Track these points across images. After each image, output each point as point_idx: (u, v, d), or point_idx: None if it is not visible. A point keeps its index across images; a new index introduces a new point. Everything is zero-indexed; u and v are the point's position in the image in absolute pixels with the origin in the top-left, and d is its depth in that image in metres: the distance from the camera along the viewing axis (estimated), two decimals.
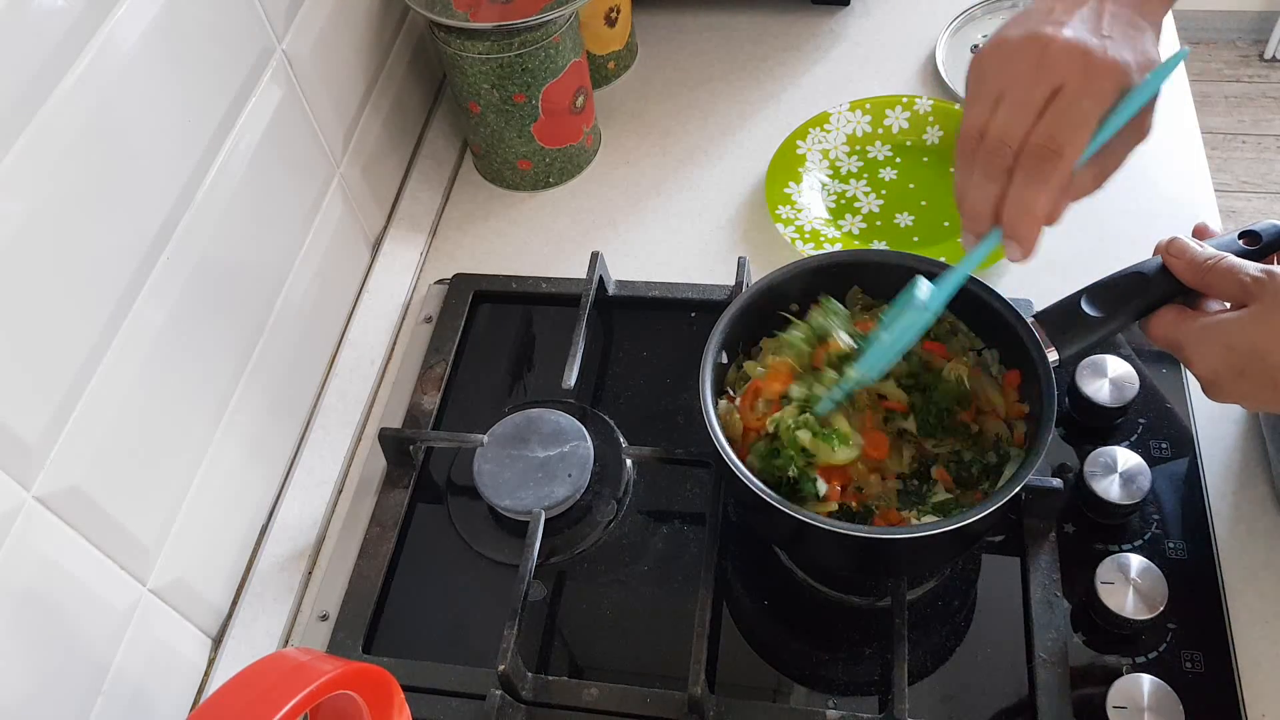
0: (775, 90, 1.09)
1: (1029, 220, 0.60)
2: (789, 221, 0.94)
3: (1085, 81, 0.58)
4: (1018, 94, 0.59)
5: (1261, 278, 0.60)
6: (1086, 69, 0.58)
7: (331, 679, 0.51)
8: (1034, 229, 0.61)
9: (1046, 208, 0.60)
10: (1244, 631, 0.69)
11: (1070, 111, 0.58)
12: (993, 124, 0.60)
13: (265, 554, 0.81)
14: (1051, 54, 0.58)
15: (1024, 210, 0.60)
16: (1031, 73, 0.59)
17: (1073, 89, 0.58)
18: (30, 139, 0.56)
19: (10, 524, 0.56)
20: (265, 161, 0.79)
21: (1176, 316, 0.64)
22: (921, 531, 0.63)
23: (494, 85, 0.93)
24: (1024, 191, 0.60)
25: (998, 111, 0.60)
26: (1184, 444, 0.77)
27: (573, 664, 0.74)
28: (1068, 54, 0.58)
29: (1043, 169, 0.59)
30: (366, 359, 0.92)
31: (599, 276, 0.89)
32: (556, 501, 0.77)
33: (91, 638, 0.63)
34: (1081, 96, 0.58)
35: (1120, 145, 0.61)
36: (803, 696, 0.71)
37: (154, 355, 0.67)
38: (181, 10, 0.68)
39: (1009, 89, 0.59)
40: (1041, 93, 0.58)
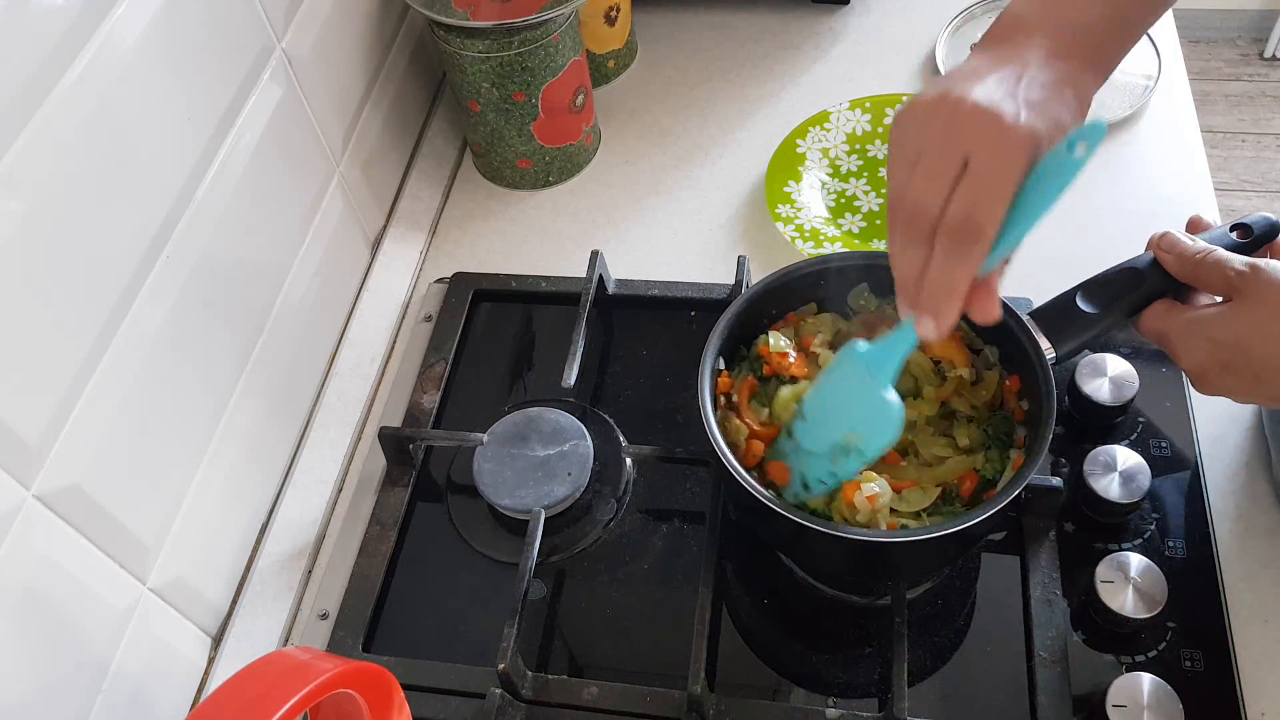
0: (775, 89, 1.09)
1: (948, 297, 0.57)
2: (789, 220, 0.94)
3: (996, 153, 0.54)
4: (930, 162, 0.56)
5: (1245, 272, 0.60)
6: (997, 136, 0.54)
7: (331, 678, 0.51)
8: (953, 306, 0.57)
9: (966, 286, 0.56)
10: (1244, 630, 0.69)
11: (984, 185, 0.54)
12: (909, 191, 0.57)
13: (265, 553, 0.81)
14: (960, 118, 0.55)
15: (944, 288, 0.57)
16: (942, 138, 0.56)
17: (984, 160, 0.54)
18: (30, 138, 0.56)
19: (10, 523, 0.56)
20: (265, 160, 0.79)
21: (1165, 310, 0.64)
22: (921, 535, 0.63)
23: (494, 84, 0.93)
24: (944, 267, 0.56)
25: (913, 178, 0.56)
26: (1184, 443, 0.77)
27: (572, 663, 0.74)
28: (977, 119, 0.55)
29: (961, 247, 0.55)
30: (366, 358, 0.92)
31: (599, 275, 0.89)
32: (556, 500, 0.78)
33: (91, 637, 0.63)
34: (994, 169, 0.54)
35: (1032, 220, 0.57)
36: (802, 695, 0.71)
37: (154, 354, 0.67)
38: (181, 9, 0.68)
39: (923, 154, 0.56)
40: (953, 161, 0.55)
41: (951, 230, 0.55)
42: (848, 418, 0.64)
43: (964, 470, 0.68)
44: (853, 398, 0.64)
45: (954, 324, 0.58)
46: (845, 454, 0.64)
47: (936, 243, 0.56)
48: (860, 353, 0.64)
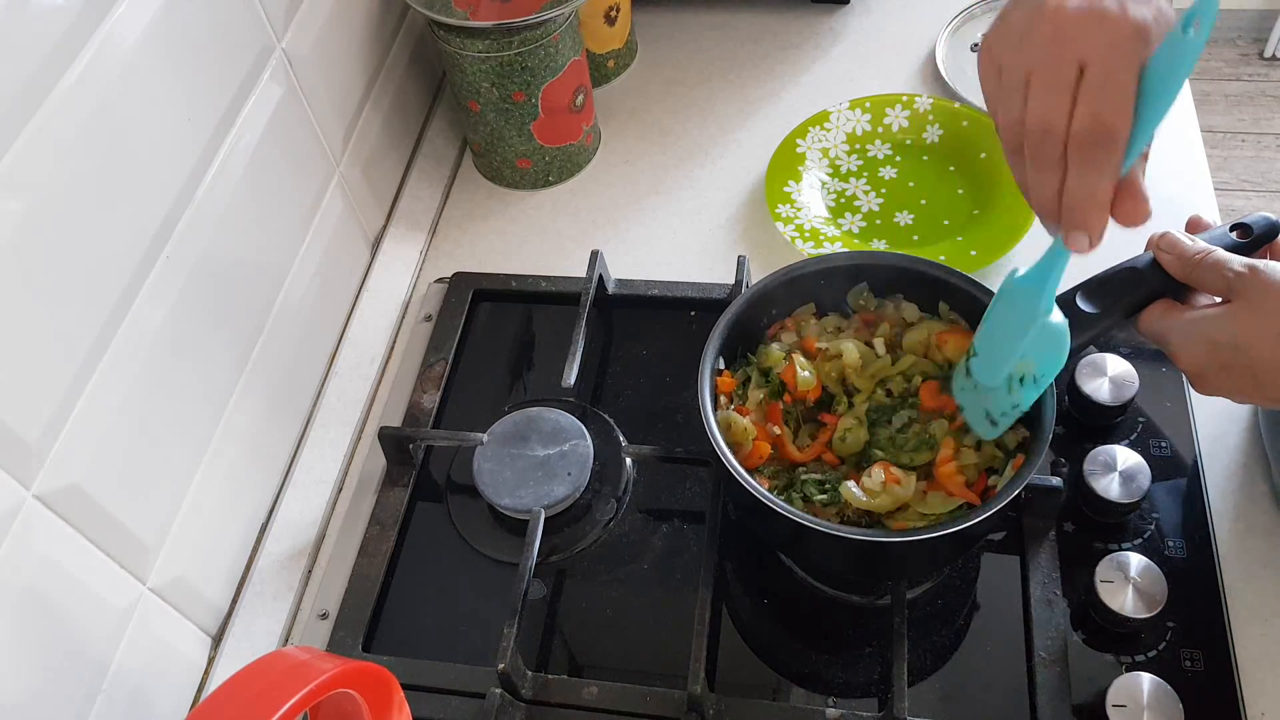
0: (775, 89, 1.09)
1: (1094, 210, 0.56)
2: (789, 220, 0.94)
3: (1111, 51, 0.53)
4: (1044, 77, 0.55)
5: (1244, 272, 0.60)
6: (1108, 37, 0.53)
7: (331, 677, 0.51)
8: (1101, 217, 0.56)
9: (1109, 193, 0.55)
10: (1243, 630, 0.69)
11: (1108, 87, 0.53)
12: (1029, 114, 0.56)
13: (265, 553, 0.81)
14: (1066, 27, 0.54)
15: (1088, 200, 0.56)
16: (1052, 51, 0.54)
17: (1101, 62, 0.53)
18: (30, 137, 0.56)
19: (10, 523, 0.56)
20: (265, 160, 0.79)
21: (1164, 311, 0.64)
22: (921, 535, 0.63)
23: (494, 84, 0.93)
24: (1084, 181, 0.55)
25: (1029, 100, 0.55)
26: (1184, 443, 0.77)
27: (572, 662, 0.74)
28: (1083, 23, 0.54)
29: (1097, 155, 0.54)
30: (366, 358, 0.92)
31: (599, 275, 0.89)
32: (556, 500, 0.78)
33: (91, 636, 0.63)
34: (1113, 68, 0.53)
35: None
36: (802, 695, 0.71)
37: (154, 354, 0.67)
38: (181, 9, 0.68)
39: (1034, 73, 0.55)
40: (1069, 71, 0.54)
41: (1084, 140, 0.54)
42: (1018, 344, 0.63)
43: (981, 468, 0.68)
44: (1018, 326, 0.63)
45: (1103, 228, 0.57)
46: (1021, 383, 0.64)
47: (1070, 156, 0.55)
48: (1018, 281, 0.64)
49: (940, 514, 0.66)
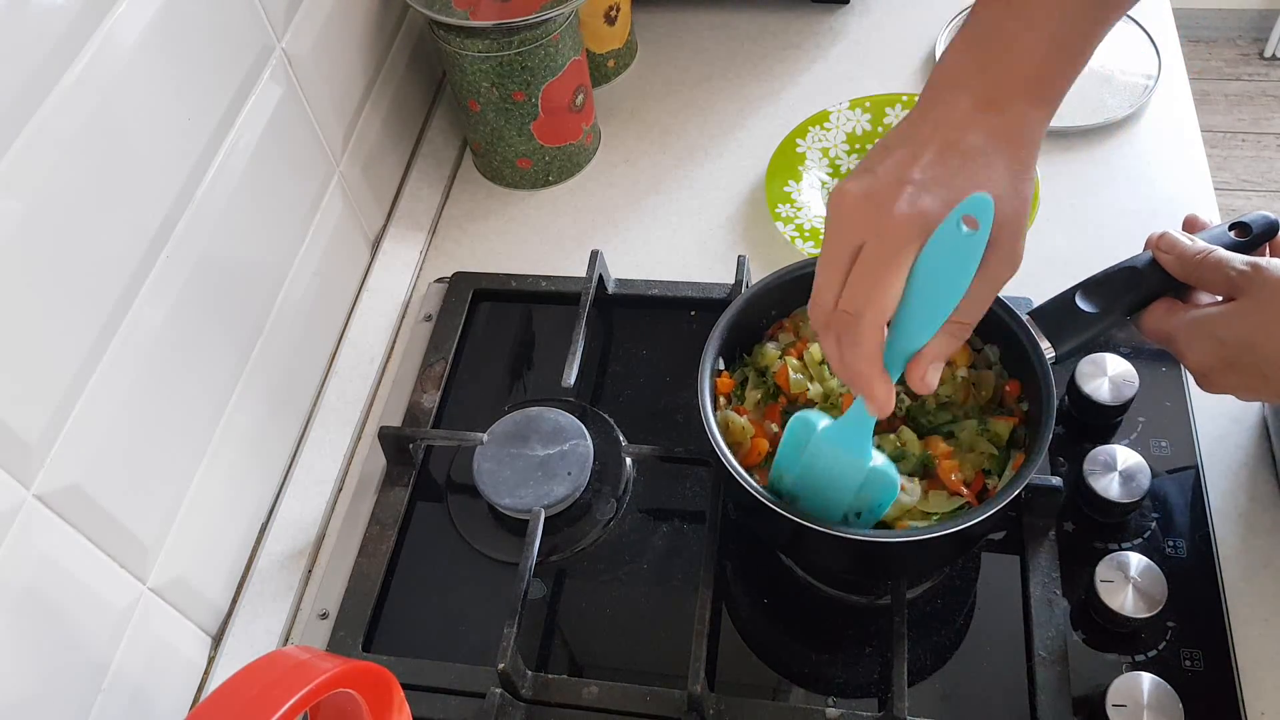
0: (775, 88, 1.09)
1: (858, 380, 0.58)
2: (789, 220, 0.94)
3: (877, 237, 0.55)
4: (826, 252, 0.57)
5: (1247, 271, 0.60)
6: (878, 223, 0.55)
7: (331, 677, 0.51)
8: (869, 387, 0.58)
9: (869, 368, 0.57)
10: (1243, 630, 0.69)
11: (865, 272, 0.55)
12: (815, 285, 0.59)
13: (265, 552, 0.81)
14: (845, 210, 0.56)
15: (849, 372, 0.58)
16: (833, 232, 0.57)
17: (869, 247, 0.55)
18: (29, 137, 0.56)
19: (10, 522, 0.56)
20: (265, 160, 0.79)
21: (1168, 310, 0.64)
22: (921, 535, 0.63)
23: (493, 83, 0.93)
24: (839, 355, 0.58)
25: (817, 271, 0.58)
26: (1184, 442, 0.77)
27: (572, 662, 0.74)
28: (859, 209, 0.56)
29: (843, 333, 0.57)
30: (366, 357, 0.92)
31: (599, 275, 0.89)
32: (556, 500, 0.78)
33: (91, 636, 0.63)
34: (875, 254, 0.55)
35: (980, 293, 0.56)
36: (802, 695, 0.71)
37: (154, 354, 0.67)
38: (181, 9, 0.68)
39: (824, 248, 0.58)
40: (844, 251, 0.56)
41: (836, 318, 0.57)
42: (848, 491, 0.65)
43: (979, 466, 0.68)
44: (843, 474, 0.64)
45: (887, 400, 0.58)
46: (859, 516, 0.65)
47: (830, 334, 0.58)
48: (827, 436, 0.64)
49: (940, 514, 0.66)
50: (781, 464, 0.67)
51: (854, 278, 0.56)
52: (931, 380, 0.58)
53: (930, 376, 0.58)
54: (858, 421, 0.62)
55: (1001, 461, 0.68)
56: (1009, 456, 0.68)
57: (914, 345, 0.58)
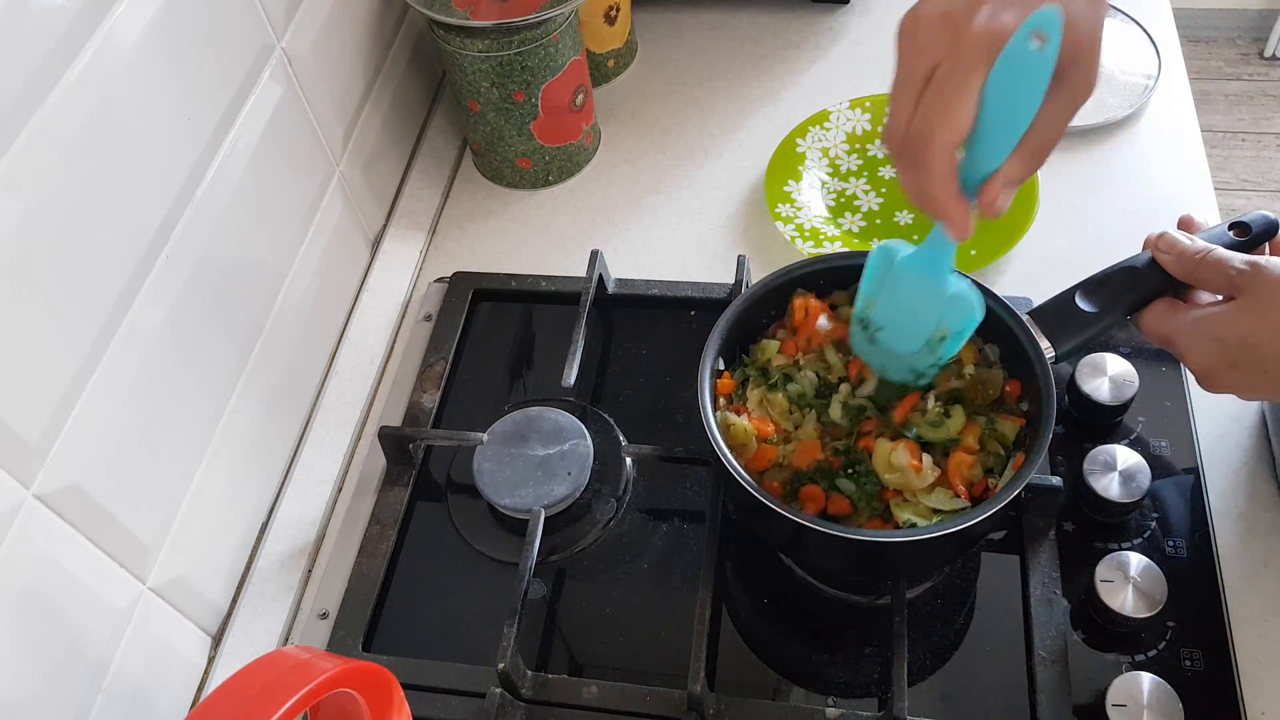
0: (775, 88, 1.09)
1: (930, 204, 0.58)
2: (789, 220, 0.94)
3: (952, 55, 0.54)
4: (899, 77, 0.57)
5: (1247, 270, 0.60)
6: (953, 42, 0.54)
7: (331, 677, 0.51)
8: (941, 210, 0.58)
9: (943, 191, 0.57)
10: (1243, 630, 0.69)
11: (939, 91, 0.55)
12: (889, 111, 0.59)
13: (265, 552, 0.81)
14: (920, 32, 0.56)
15: (926, 197, 0.58)
16: (907, 56, 0.56)
17: (943, 66, 0.54)
18: (30, 137, 0.56)
19: (10, 522, 0.56)
20: (265, 160, 0.78)
21: (1168, 310, 0.64)
22: (921, 535, 0.63)
23: (494, 83, 0.93)
24: (910, 179, 0.58)
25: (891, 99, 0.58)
26: (1183, 442, 0.77)
27: (572, 662, 0.74)
28: (934, 29, 0.55)
29: (916, 157, 0.57)
30: (366, 357, 0.92)
31: (598, 274, 0.89)
32: (556, 500, 0.78)
33: (91, 636, 0.63)
34: (950, 73, 0.54)
35: (1055, 113, 0.57)
36: (802, 695, 0.71)
37: (154, 353, 0.67)
38: (181, 8, 0.68)
39: (896, 74, 0.57)
40: (918, 73, 0.55)
41: (909, 141, 0.56)
42: (931, 318, 0.65)
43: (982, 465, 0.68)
44: (925, 301, 0.65)
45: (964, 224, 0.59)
46: (942, 341, 0.66)
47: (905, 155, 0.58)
48: (908, 262, 0.65)
49: (942, 512, 0.66)
50: (866, 293, 0.67)
51: (928, 98, 0.55)
52: (1003, 204, 0.58)
53: (1002, 200, 0.58)
54: (937, 248, 0.63)
55: (1002, 461, 0.68)
56: (1009, 456, 0.68)
57: (987, 169, 0.57)
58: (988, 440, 0.69)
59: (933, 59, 0.55)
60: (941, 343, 0.66)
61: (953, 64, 0.54)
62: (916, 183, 0.58)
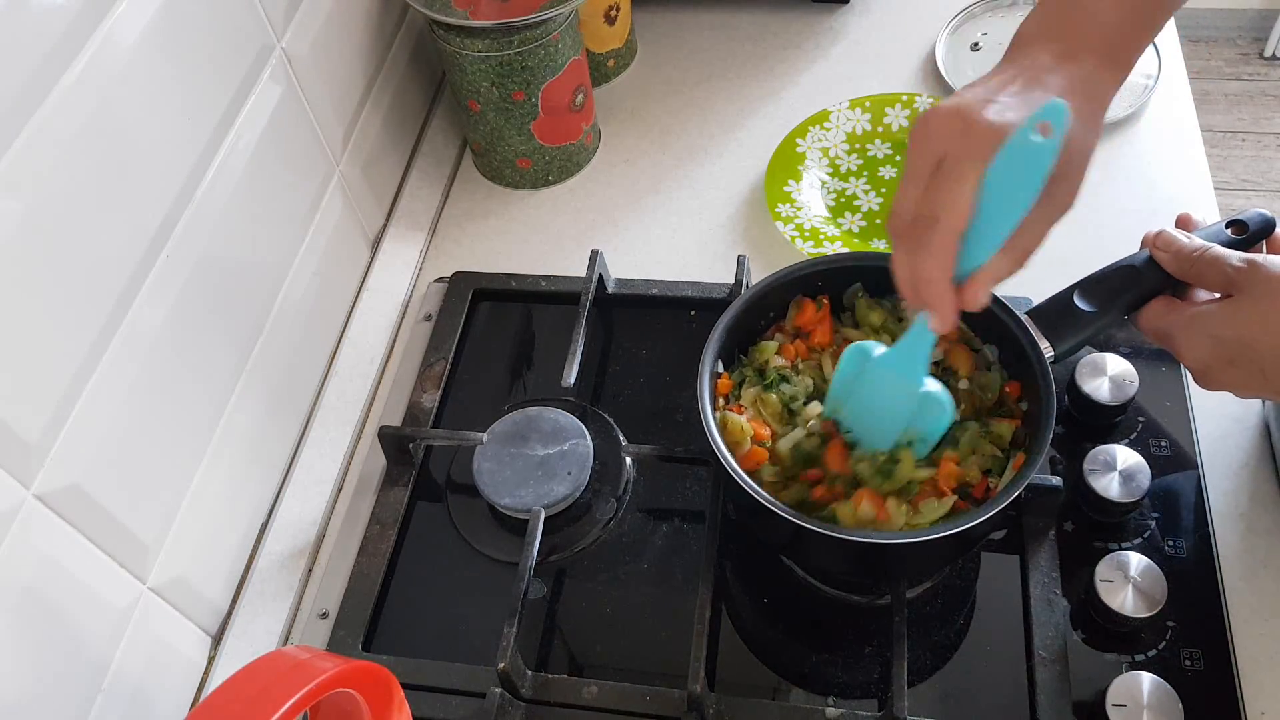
0: (775, 88, 1.09)
1: (926, 288, 0.60)
2: (789, 220, 0.94)
3: (962, 145, 0.57)
4: (909, 166, 0.60)
5: (1244, 267, 0.60)
6: (963, 132, 0.57)
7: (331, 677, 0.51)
8: (934, 296, 0.60)
9: (940, 275, 0.59)
10: (1243, 629, 0.69)
11: (947, 176, 0.57)
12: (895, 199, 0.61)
13: (265, 552, 0.81)
14: (933, 123, 0.59)
15: (919, 279, 0.59)
16: (919, 145, 0.59)
17: (951, 155, 0.57)
18: (29, 137, 0.56)
19: (10, 522, 0.56)
20: (264, 159, 0.79)
21: (1165, 308, 0.64)
22: (922, 536, 0.63)
23: (493, 83, 0.93)
24: (911, 260, 0.60)
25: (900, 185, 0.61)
26: (1183, 442, 0.77)
27: (572, 662, 0.74)
28: (946, 121, 0.58)
29: (920, 236, 0.58)
30: (366, 357, 0.92)
31: (598, 274, 0.89)
32: (556, 499, 0.78)
33: (91, 636, 0.63)
34: (958, 160, 0.57)
35: (1039, 220, 0.59)
36: (802, 695, 0.71)
37: (153, 353, 0.67)
38: (181, 8, 0.68)
39: (907, 164, 0.60)
40: (927, 163, 0.58)
41: (915, 220, 0.59)
42: (900, 420, 0.66)
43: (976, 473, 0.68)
44: (897, 401, 0.66)
45: (951, 314, 0.60)
46: (910, 445, 0.67)
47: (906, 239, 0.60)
48: (884, 359, 0.66)
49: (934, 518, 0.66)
50: (836, 394, 0.68)
51: (935, 182, 0.58)
52: (984, 300, 0.60)
53: (983, 296, 0.60)
54: (916, 342, 0.64)
55: (1002, 462, 0.68)
56: (1009, 456, 0.68)
57: (975, 263, 0.59)
58: (981, 444, 0.69)
59: (941, 148, 0.58)
60: (909, 447, 0.67)
61: (963, 150, 0.57)
62: (914, 267, 0.60)
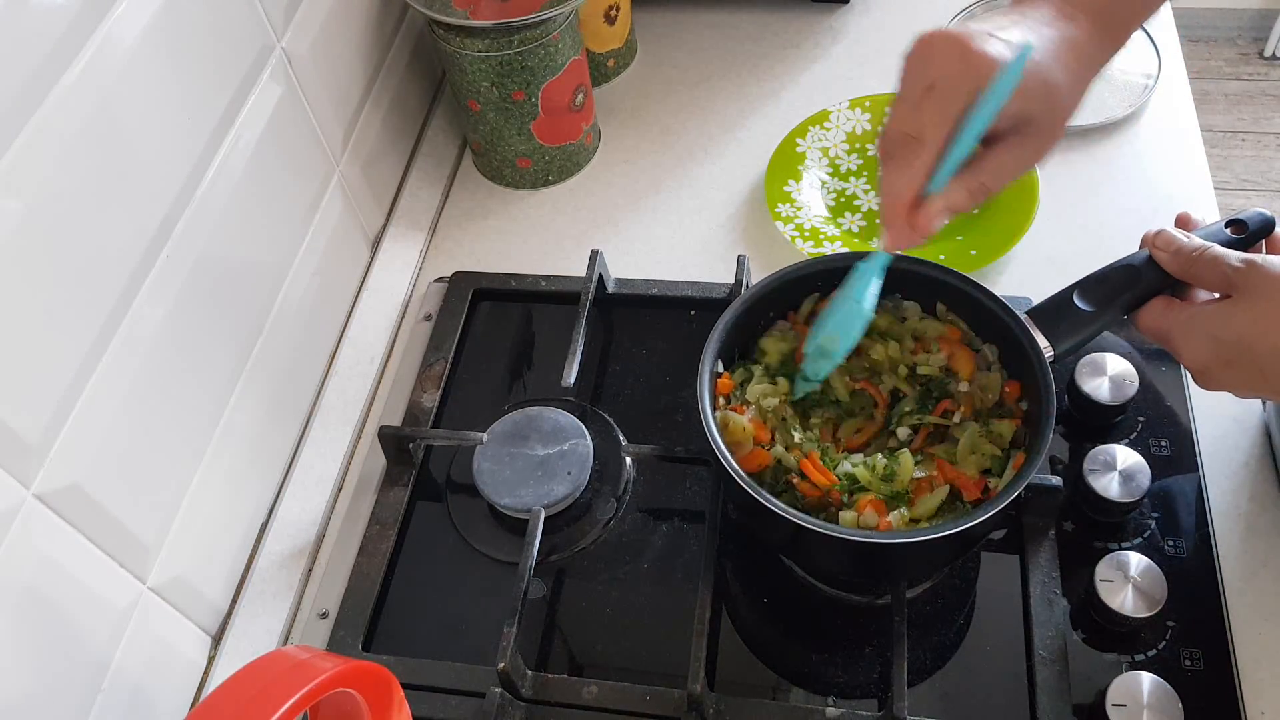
0: (775, 88, 1.09)
1: (891, 204, 0.62)
2: (789, 219, 0.94)
3: (959, 69, 0.58)
4: (903, 89, 0.61)
5: (1242, 267, 0.60)
6: (961, 58, 0.58)
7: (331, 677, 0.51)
8: (895, 213, 0.62)
9: (902, 192, 0.61)
10: (1243, 629, 0.69)
11: (938, 99, 0.59)
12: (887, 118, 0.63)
13: (265, 552, 0.81)
14: (932, 47, 0.60)
15: (886, 193, 0.62)
16: (917, 66, 0.61)
17: (946, 78, 0.59)
18: (30, 137, 0.56)
19: (10, 522, 0.56)
20: (264, 159, 0.78)
21: (1165, 308, 0.64)
22: (921, 536, 0.63)
23: (493, 83, 0.93)
24: (887, 178, 0.62)
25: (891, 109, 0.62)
26: (1183, 441, 0.77)
27: (572, 662, 0.74)
28: (945, 46, 0.59)
29: (902, 154, 0.60)
30: (366, 357, 0.92)
31: (598, 274, 0.89)
32: (556, 499, 0.78)
33: (91, 636, 0.63)
34: (949, 86, 0.59)
35: (1007, 162, 0.61)
36: (802, 694, 0.71)
37: (153, 353, 0.67)
38: (181, 8, 0.68)
39: (900, 85, 0.62)
40: (920, 86, 0.60)
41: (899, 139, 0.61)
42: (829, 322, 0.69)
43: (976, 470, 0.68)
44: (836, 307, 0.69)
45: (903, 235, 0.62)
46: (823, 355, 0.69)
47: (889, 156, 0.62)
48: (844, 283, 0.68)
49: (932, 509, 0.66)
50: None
51: (926, 104, 0.59)
52: (935, 226, 0.62)
53: (935, 222, 0.62)
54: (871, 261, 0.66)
55: (1002, 462, 0.68)
56: (1009, 456, 0.68)
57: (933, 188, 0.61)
58: (981, 444, 0.69)
59: (939, 72, 0.59)
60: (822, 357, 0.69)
61: (957, 76, 0.58)
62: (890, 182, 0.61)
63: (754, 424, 0.70)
